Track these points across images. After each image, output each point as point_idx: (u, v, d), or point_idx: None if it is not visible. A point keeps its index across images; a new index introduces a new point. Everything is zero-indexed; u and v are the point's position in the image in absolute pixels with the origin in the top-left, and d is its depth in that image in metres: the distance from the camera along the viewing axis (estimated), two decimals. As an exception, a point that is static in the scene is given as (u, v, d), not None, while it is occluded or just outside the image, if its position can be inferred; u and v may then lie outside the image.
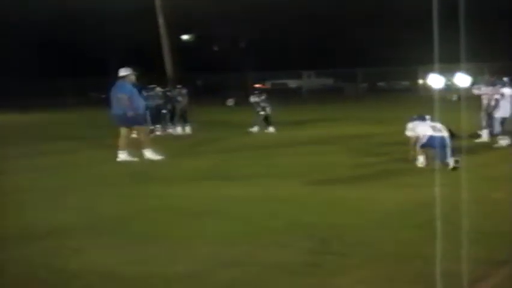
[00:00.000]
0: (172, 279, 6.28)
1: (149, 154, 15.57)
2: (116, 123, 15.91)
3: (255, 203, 9.80)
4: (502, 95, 16.03)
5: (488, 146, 15.54)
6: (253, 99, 23.08)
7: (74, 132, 24.91)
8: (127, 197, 10.68)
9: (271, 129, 22.32)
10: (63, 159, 16.29)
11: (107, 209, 9.76)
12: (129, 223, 8.78)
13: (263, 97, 22.98)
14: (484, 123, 16.71)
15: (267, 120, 22.56)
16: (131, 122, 15.63)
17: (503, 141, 15.50)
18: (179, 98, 23.53)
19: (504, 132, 15.80)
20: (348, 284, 5.93)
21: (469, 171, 10.99)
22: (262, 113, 22.57)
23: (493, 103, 16.00)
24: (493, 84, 16.70)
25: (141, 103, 16.11)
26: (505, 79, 16.93)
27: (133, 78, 16.00)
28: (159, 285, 6.18)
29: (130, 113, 15.39)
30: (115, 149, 15.59)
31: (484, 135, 16.62)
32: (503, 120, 15.98)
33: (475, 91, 16.96)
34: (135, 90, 15.86)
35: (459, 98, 18.65)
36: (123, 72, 16.00)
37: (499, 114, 16.00)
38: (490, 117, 16.23)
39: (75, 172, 14.17)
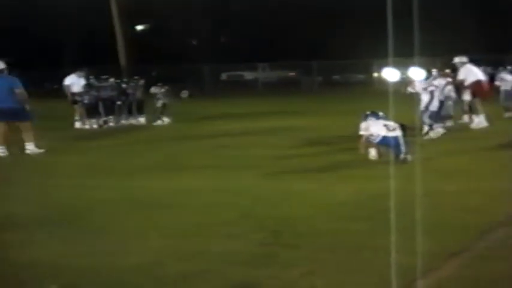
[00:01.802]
0: (125, 271, 6.22)
1: (31, 148, 15.18)
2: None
3: (208, 194, 9.77)
4: (436, 87, 16.29)
5: (439, 139, 15.68)
6: (153, 90, 23.06)
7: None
8: (79, 188, 10.55)
9: (161, 121, 22.48)
10: (14, 151, 16.00)
11: (59, 201, 9.62)
12: (81, 215, 8.67)
13: (163, 90, 22.99)
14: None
15: (159, 112, 22.72)
16: (15, 116, 15.17)
17: (432, 134, 15.72)
18: (136, 90, 23.34)
19: (432, 124, 16.03)
20: (299, 275, 5.93)
21: (421, 163, 11.09)
22: (159, 105, 22.60)
23: (427, 97, 16.13)
24: (426, 78, 16.94)
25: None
26: (434, 72, 17.38)
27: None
28: (111, 276, 6.12)
29: (17, 106, 15.00)
30: (64, 140, 15.38)
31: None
32: (432, 114, 16.19)
33: (409, 89, 16.99)
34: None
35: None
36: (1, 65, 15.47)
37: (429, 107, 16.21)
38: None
39: (27, 163, 13.95)
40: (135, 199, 9.58)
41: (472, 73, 18.82)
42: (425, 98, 16.27)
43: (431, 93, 16.24)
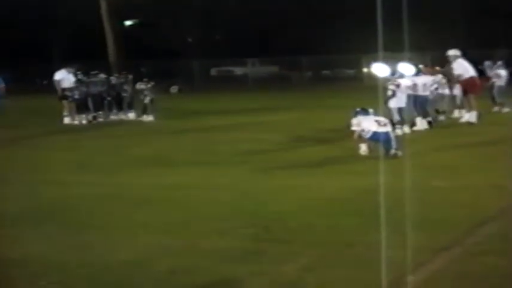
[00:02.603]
0: (114, 267, 6.21)
1: None
2: None
3: (197, 190, 9.75)
4: (398, 85, 16.14)
5: (427, 135, 15.68)
6: (139, 86, 22.92)
7: (8, 119, 24.31)
8: (67, 184, 10.50)
9: (150, 117, 22.31)
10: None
11: (47, 197, 9.58)
12: (69, 211, 8.64)
13: (149, 85, 22.88)
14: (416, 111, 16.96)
15: (145, 108, 22.56)
16: None
17: (399, 130, 15.16)
18: (126, 85, 23.23)
19: (402, 122, 15.94)
20: (291, 271, 5.92)
21: (410, 159, 11.09)
22: (145, 101, 22.52)
23: (389, 93, 16.00)
24: (392, 75, 16.88)
25: None
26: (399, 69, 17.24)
27: None
28: (100, 272, 6.10)
29: None
30: (53, 135, 15.30)
31: (418, 123, 16.76)
32: (400, 110, 16.08)
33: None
34: None
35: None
36: None
37: (394, 104, 16.05)
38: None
39: (12, 160, 13.87)
40: (123, 195, 9.53)
41: (464, 68, 18.50)
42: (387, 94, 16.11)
43: (393, 90, 16.05)
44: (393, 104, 15.98)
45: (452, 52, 18.63)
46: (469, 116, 18.07)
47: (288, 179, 10.47)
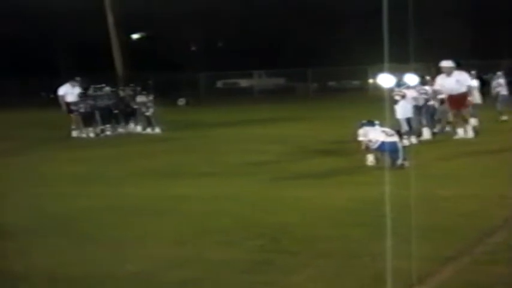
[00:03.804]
0: (121, 279, 6.23)
1: None
2: None
3: (204, 201, 9.78)
4: (404, 96, 16.16)
5: (432, 145, 15.69)
6: (140, 99, 22.87)
7: (15, 132, 24.41)
8: (74, 197, 10.53)
9: (157, 129, 22.32)
10: (3, 161, 16.00)
11: (51, 210, 9.61)
12: (75, 223, 8.66)
13: (150, 97, 22.87)
14: (424, 121, 16.94)
15: (149, 121, 22.52)
16: None
17: (406, 141, 15.07)
18: (135, 98, 23.21)
19: (410, 132, 15.96)
20: (299, 282, 5.95)
21: (416, 169, 11.14)
22: (147, 113, 22.49)
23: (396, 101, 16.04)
24: (398, 85, 16.83)
25: None
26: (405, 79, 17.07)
27: None
28: (107, 285, 6.12)
29: None
30: (61, 148, 15.35)
31: (425, 133, 16.79)
32: (408, 120, 16.12)
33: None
34: None
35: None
36: None
37: (402, 115, 16.08)
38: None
39: (17, 173, 13.94)
40: (130, 207, 9.57)
41: (442, 86, 17.10)
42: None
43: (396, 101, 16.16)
44: (400, 115, 16.06)
45: (445, 63, 17.23)
46: (463, 132, 16.78)
47: (295, 189, 10.49)
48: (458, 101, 16.88)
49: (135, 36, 61.15)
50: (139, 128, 22.84)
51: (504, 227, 7.65)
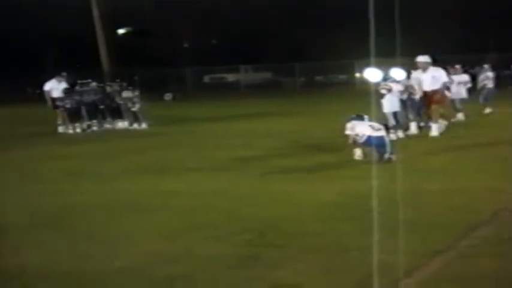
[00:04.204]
0: (111, 275, 6.23)
1: None
2: None
3: (192, 197, 9.78)
4: (390, 89, 16.19)
5: (419, 139, 15.73)
6: (126, 94, 22.79)
7: (2, 129, 24.32)
8: (63, 193, 10.52)
9: (143, 125, 22.29)
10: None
11: (42, 206, 9.58)
12: (66, 220, 8.64)
13: (136, 93, 22.82)
14: (411, 116, 16.95)
15: (136, 116, 22.49)
16: None
17: (393, 135, 15.07)
18: (121, 93, 23.13)
19: (397, 126, 16.00)
20: (287, 276, 5.96)
21: (403, 163, 11.18)
22: (133, 109, 22.46)
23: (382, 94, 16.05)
24: (385, 79, 16.82)
25: None
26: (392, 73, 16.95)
27: None
28: (99, 280, 6.12)
29: None
30: (48, 144, 15.32)
31: (412, 127, 16.81)
32: (395, 114, 16.17)
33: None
34: None
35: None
36: None
37: (389, 109, 16.12)
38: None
39: (8, 169, 13.89)
40: (119, 203, 9.56)
41: (418, 83, 16.72)
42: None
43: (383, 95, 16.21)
44: (387, 109, 16.10)
45: (421, 59, 16.88)
46: (435, 128, 16.35)
47: (282, 184, 10.50)
48: (431, 97, 16.63)
49: (121, 31, 60.95)
50: (126, 124, 22.78)
51: (492, 220, 7.69)
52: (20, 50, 54.93)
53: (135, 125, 22.31)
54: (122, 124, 22.71)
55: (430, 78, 16.66)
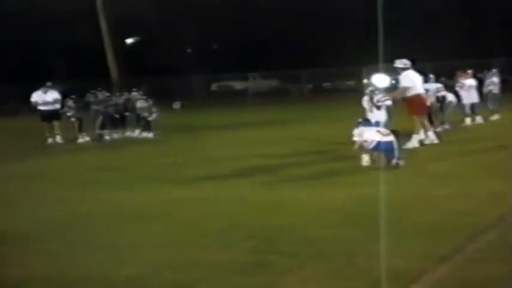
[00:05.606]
0: (118, 283, 6.25)
1: None
2: None
3: (198, 204, 9.81)
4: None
5: (427, 144, 15.64)
6: (141, 104, 22.76)
7: (10, 139, 24.36)
8: (69, 202, 10.55)
9: (150, 134, 22.23)
10: None
11: (47, 215, 9.62)
12: (71, 228, 8.68)
13: (150, 102, 22.79)
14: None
15: (148, 125, 22.42)
16: None
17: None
18: (133, 103, 23.11)
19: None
20: (293, 283, 5.97)
21: (410, 169, 11.19)
22: (150, 118, 22.40)
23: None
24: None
25: None
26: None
27: None
28: (104, 288, 6.15)
29: None
30: (56, 154, 15.36)
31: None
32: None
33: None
34: None
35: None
36: None
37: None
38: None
39: (14, 178, 13.95)
40: (127, 212, 9.58)
41: (411, 82, 15.61)
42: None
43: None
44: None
45: (398, 63, 15.72)
46: (415, 140, 15.24)
47: (290, 191, 10.51)
48: (407, 104, 15.70)
49: (129, 41, 61.14)
50: (136, 132, 22.77)
51: (497, 224, 7.68)
52: (29, 59, 55.11)
53: (144, 134, 22.32)
54: (131, 133, 22.75)
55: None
